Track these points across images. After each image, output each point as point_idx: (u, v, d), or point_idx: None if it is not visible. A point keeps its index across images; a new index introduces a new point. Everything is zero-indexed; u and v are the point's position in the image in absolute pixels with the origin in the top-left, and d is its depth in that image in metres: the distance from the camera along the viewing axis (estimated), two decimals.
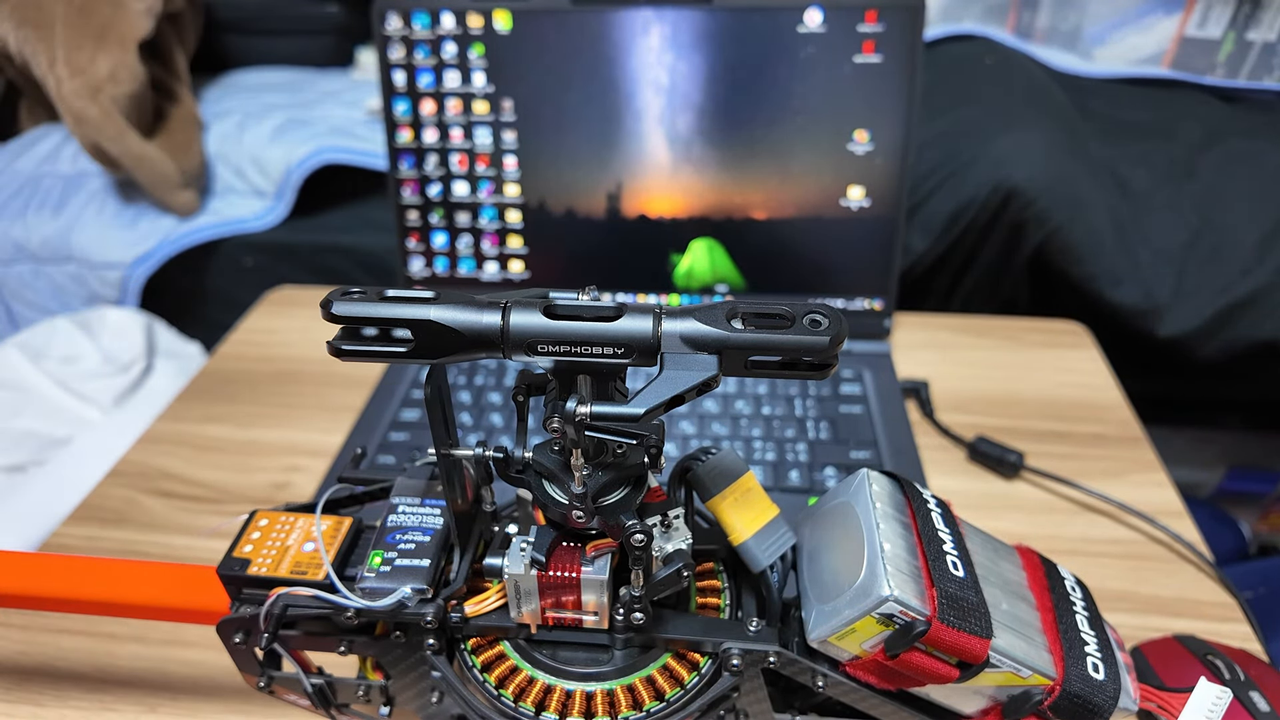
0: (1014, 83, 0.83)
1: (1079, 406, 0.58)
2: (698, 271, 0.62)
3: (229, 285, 0.85)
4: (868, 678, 0.27)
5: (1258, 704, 0.34)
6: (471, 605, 0.29)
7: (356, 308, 0.22)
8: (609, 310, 0.22)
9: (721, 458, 0.30)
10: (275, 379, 0.63)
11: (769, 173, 0.59)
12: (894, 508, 0.28)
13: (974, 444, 0.54)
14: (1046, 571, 0.30)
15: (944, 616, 0.24)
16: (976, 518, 0.31)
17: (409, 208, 0.63)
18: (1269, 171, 0.75)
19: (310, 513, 0.31)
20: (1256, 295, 0.71)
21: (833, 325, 0.22)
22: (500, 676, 0.29)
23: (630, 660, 0.29)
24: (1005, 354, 0.64)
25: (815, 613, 0.27)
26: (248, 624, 0.30)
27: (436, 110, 0.60)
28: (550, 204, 0.61)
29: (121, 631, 0.43)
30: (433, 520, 0.30)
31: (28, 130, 0.99)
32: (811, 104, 0.57)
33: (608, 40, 0.56)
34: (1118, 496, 0.50)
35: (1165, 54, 0.89)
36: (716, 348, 0.22)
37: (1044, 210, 0.72)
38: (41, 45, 0.83)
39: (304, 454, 0.56)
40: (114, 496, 0.52)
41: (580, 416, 0.23)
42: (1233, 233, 0.72)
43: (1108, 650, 0.27)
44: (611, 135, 0.59)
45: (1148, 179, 0.75)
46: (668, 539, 0.28)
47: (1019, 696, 0.26)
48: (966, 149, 0.74)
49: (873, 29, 0.54)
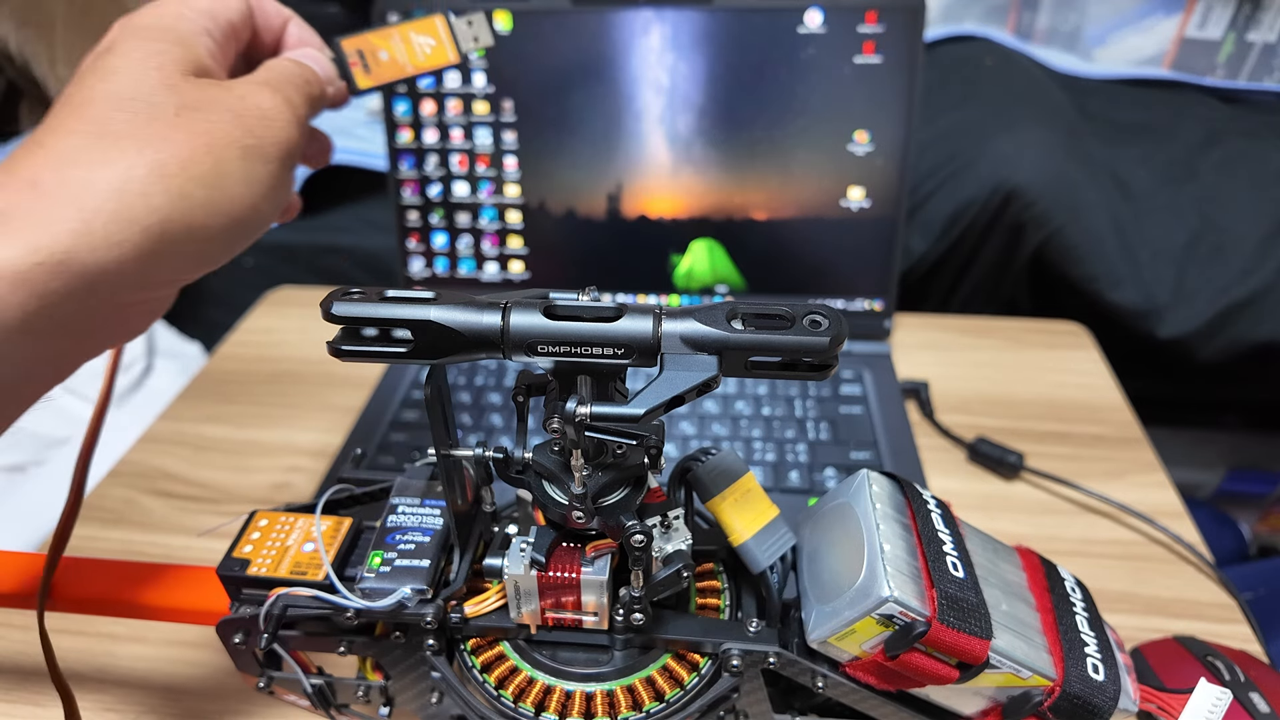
0: (1014, 84, 0.83)
1: (1079, 407, 0.58)
2: (698, 272, 0.62)
3: (229, 285, 0.85)
4: (867, 678, 0.27)
5: (1258, 705, 0.34)
6: (471, 606, 0.29)
7: (356, 308, 0.22)
8: (609, 311, 0.22)
9: (721, 458, 0.30)
10: (275, 379, 0.63)
11: (769, 173, 0.59)
12: (894, 508, 0.28)
13: (974, 445, 0.54)
14: (1046, 572, 0.30)
15: (944, 617, 0.24)
16: (976, 518, 0.31)
17: (409, 208, 0.63)
18: (1269, 172, 0.75)
19: (310, 513, 0.31)
20: (1256, 296, 0.71)
21: (833, 326, 0.22)
22: (500, 677, 0.29)
23: (630, 661, 0.29)
24: (1005, 355, 0.64)
25: (815, 613, 0.27)
26: (247, 624, 0.30)
27: (437, 111, 0.60)
28: (550, 204, 0.61)
29: (121, 631, 0.43)
30: (432, 521, 0.30)
31: (28, 130, 0.99)
32: (812, 105, 0.57)
33: (608, 40, 0.56)
34: (1118, 497, 0.50)
35: (1165, 55, 0.89)
36: (717, 348, 0.22)
37: (1044, 211, 0.72)
38: (42, 45, 0.83)
39: (303, 454, 0.56)
40: (114, 496, 0.52)
41: (580, 417, 0.23)
42: (1233, 233, 0.73)
43: (1108, 651, 0.27)
44: (612, 136, 0.59)
45: (1148, 180, 0.75)
46: (667, 539, 0.28)
47: (1019, 697, 0.26)
48: (967, 150, 0.74)
49: (873, 30, 0.55)
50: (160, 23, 0.28)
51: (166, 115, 0.26)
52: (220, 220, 0.27)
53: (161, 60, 0.27)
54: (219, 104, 0.27)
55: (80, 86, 0.26)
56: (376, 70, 0.37)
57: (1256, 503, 0.96)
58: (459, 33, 0.37)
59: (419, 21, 0.37)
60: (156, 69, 0.26)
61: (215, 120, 0.26)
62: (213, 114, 0.27)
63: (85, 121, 0.25)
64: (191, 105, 0.26)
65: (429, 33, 0.37)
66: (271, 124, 0.28)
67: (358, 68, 0.36)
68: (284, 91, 0.29)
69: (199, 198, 0.26)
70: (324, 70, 0.34)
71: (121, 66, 0.26)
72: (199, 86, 0.27)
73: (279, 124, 0.28)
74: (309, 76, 0.32)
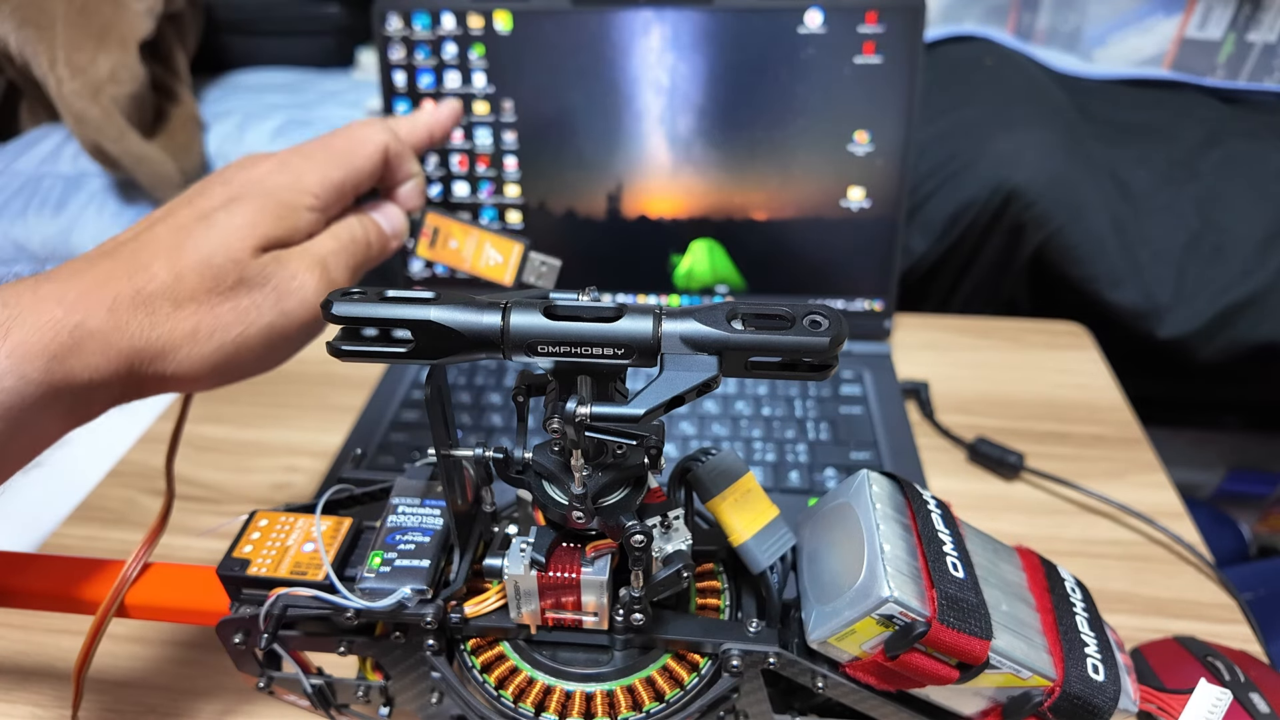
0: (1014, 84, 0.83)
1: (1079, 408, 0.58)
2: (698, 272, 0.62)
3: None
4: (867, 679, 0.27)
5: (1258, 705, 0.34)
6: (471, 606, 0.29)
7: (356, 308, 0.22)
8: (609, 311, 0.22)
9: (721, 458, 0.30)
10: (275, 379, 0.62)
11: (769, 173, 0.59)
12: (894, 509, 0.28)
13: (974, 445, 0.54)
14: (1046, 573, 0.30)
15: (944, 618, 0.24)
16: (976, 519, 0.31)
17: None
18: (1269, 173, 0.75)
19: (310, 513, 0.31)
20: (1257, 296, 0.71)
21: (833, 326, 0.22)
22: (500, 677, 0.29)
23: (630, 661, 0.29)
24: (1005, 355, 0.64)
25: (815, 614, 0.27)
26: (247, 624, 0.30)
27: None
28: (550, 204, 0.61)
29: (121, 632, 0.43)
30: (432, 521, 0.30)
31: (28, 130, 0.99)
32: (812, 105, 0.57)
33: (608, 41, 0.56)
34: (1118, 498, 0.50)
35: (1165, 55, 0.89)
36: (717, 348, 0.22)
37: (1044, 211, 0.72)
38: (42, 45, 0.83)
39: (304, 454, 0.56)
40: (114, 496, 0.52)
41: (580, 417, 0.23)
42: (1233, 234, 0.72)
43: (1108, 651, 0.27)
44: (612, 136, 0.59)
45: (1148, 180, 0.75)
46: (667, 540, 0.28)
47: (1019, 698, 0.26)
48: (967, 150, 0.74)
49: (873, 30, 0.55)
50: (276, 193, 0.32)
51: (225, 285, 0.30)
52: (213, 378, 0.32)
53: (253, 233, 0.31)
54: (270, 282, 0.31)
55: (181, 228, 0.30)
56: (439, 250, 0.39)
57: (1256, 503, 0.96)
58: (528, 265, 0.40)
59: (503, 238, 0.39)
60: (239, 241, 0.30)
61: (258, 299, 0.31)
62: (258, 293, 0.31)
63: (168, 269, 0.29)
64: (249, 280, 0.30)
65: (504, 251, 0.39)
66: (305, 304, 0.32)
67: (426, 239, 0.39)
68: (332, 269, 0.33)
69: (196, 357, 0.30)
70: (395, 228, 0.37)
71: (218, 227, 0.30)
72: (263, 263, 0.31)
73: (311, 306, 0.32)
74: (370, 240, 0.35)
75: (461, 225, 0.39)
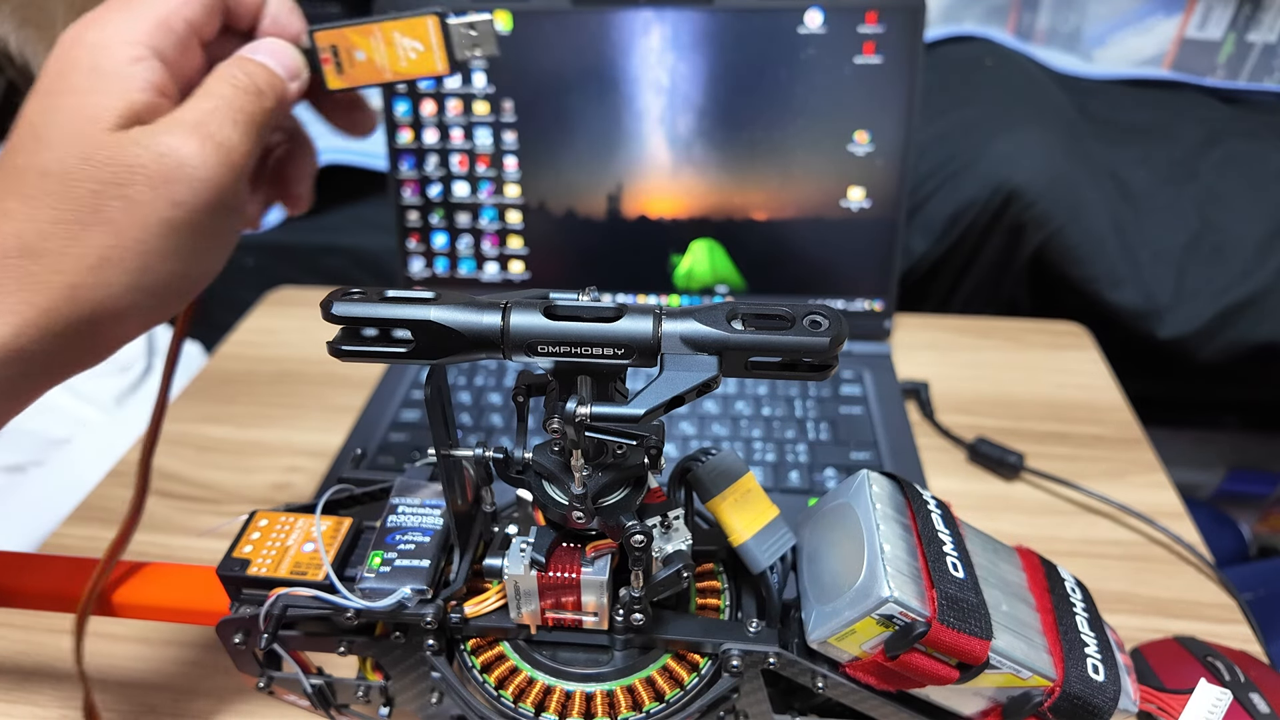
0: (1014, 84, 0.83)
1: (1079, 408, 0.58)
2: (698, 272, 0.62)
3: (229, 285, 0.85)
4: (867, 679, 0.27)
5: (1258, 705, 0.34)
6: (471, 606, 0.29)
7: (356, 308, 0.22)
8: (609, 311, 0.22)
9: (721, 458, 0.30)
10: (275, 379, 0.63)
11: (769, 174, 0.59)
12: (894, 509, 0.28)
13: (974, 445, 0.54)
14: (1046, 573, 0.30)
15: (944, 618, 0.24)
16: (976, 519, 0.31)
17: (409, 208, 0.63)
18: (1269, 173, 0.75)
19: (310, 513, 0.31)
20: (1257, 297, 0.71)
21: (833, 326, 0.22)
22: (500, 677, 0.29)
23: (630, 661, 0.29)
24: (1005, 355, 0.64)
25: (815, 614, 0.27)
26: (247, 624, 0.30)
27: (437, 111, 0.60)
28: (550, 205, 0.61)
29: (121, 631, 0.43)
30: (432, 521, 0.30)
31: None
32: (812, 105, 0.57)
33: (608, 41, 0.56)
34: (1118, 498, 0.50)
35: (1166, 55, 0.89)
36: (717, 349, 0.22)
37: (1044, 212, 0.72)
38: (42, 45, 0.83)
39: (304, 454, 0.56)
40: (114, 496, 0.52)
41: (580, 417, 0.23)
42: (1233, 234, 0.73)
43: (1108, 652, 0.27)
44: (612, 136, 0.59)
45: (1148, 180, 0.75)
46: (667, 540, 0.28)
47: (1019, 698, 0.26)
48: (967, 150, 0.74)
49: (873, 30, 0.55)
50: (94, 61, 0.26)
51: (82, 204, 0.25)
52: (147, 299, 0.27)
53: (85, 122, 0.26)
54: (139, 173, 0.25)
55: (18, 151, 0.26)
56: (350, 71, 0.33)
57: (1256, 503, 0.96)
58: (456, 38, 0.32)
59: (405, 21, 0.32)
60: (76, 136, 0.25)
61: (133, 197, 0.25)
62: (130, 188, 0.25)
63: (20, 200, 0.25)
64: (110, 181, 0.25)
65: (417, 35, 0.32)
66: (196, 184, 0.26)
67: (329, 65, 0.32)
68: (217, 132, 0.27)
69: (121, 284, 0.26)
70: (286, 66, 0.30)
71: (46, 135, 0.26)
72: (119, 151, 0.25)
73: (206, 182, 0.26)
74: (258, 86, 0.29)
75: (357, 28, 0.32)
